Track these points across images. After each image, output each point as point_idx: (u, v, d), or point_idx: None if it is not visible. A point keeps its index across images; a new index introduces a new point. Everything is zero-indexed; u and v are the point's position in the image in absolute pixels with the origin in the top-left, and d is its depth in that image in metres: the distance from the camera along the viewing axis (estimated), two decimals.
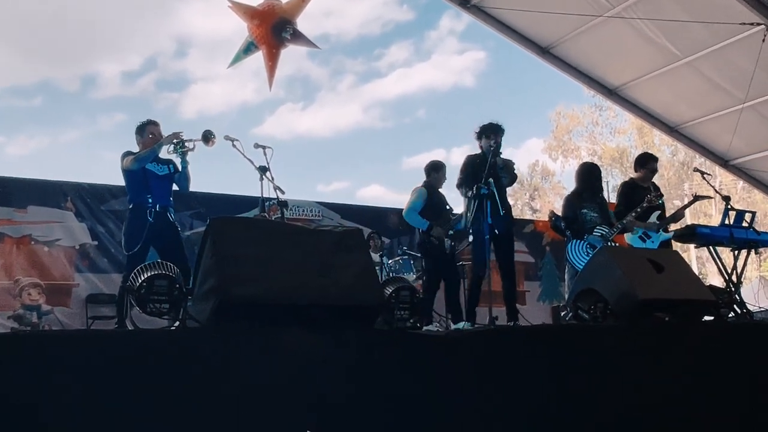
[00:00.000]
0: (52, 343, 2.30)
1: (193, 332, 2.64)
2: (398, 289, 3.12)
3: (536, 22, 9.05)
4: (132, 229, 4.36)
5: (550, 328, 3.45)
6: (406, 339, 2.95)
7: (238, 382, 2.49)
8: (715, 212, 20.48)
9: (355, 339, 2.75)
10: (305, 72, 37.20)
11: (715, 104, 9.54)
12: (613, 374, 3.29)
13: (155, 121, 4.63)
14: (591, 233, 5.00)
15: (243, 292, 2.64)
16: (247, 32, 7.98)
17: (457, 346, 3.00)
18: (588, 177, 5.31)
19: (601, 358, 3.32)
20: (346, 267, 2.85)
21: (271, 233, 2.86)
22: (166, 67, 36.54)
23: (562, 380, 3.13)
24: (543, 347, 3.20)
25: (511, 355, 3.09)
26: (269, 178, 4.09)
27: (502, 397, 2.98)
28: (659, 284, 3.70)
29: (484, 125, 5.03)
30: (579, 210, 5.16)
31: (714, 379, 3.53)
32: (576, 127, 25.99)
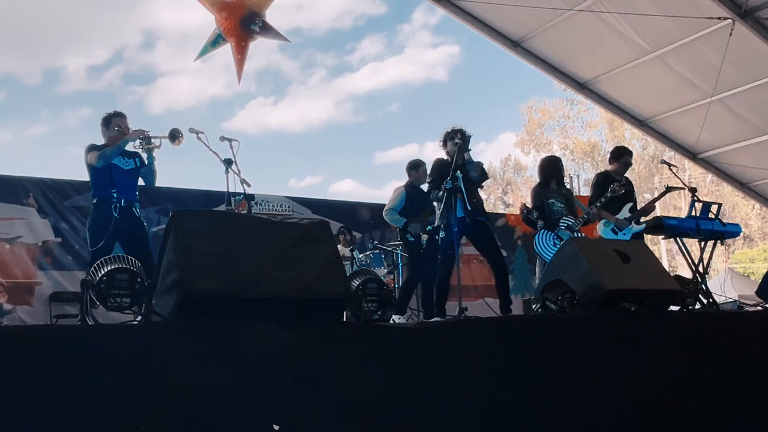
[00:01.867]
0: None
1: (155, 327, 2.61)
2: (366, 281, 3.13)
3: (507, 16, 9.11)
4: (96, 225, 4.29)
5: (518, 318, 3.48)
6: (374, 331, 2.95)
7: (201, 377, 2.46)
8: (684, 205, 20.89)
9: (322, 332, 2.75)
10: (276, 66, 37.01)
11: (683, 98, 9.71)
12: (581, 364, 3.33)
13: (122, 113, 4.56)
14: (557, 224, 5.08)
15: (206, 286, 2.62)
16: (215, 24, 7.92)
17: (426, 338, 3.01)
18: (551, 169, 5.43)
19: (570, 349, 3.36)
20: (311, 259, 2.84)
21: (235, 226, 2.84)
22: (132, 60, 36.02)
23: (530, 371, 3.16)
24: (511, 338, 3.23)
25: (479, 346, 3.11)
26: (235, 171, 4.06)
27: (471, 389, 3.00)
28: (626, 275, 3.76)
29: (447, 131, 5.15)
30: (546, 200, 5.25)
31: (680, 368, 3.60)
32: (548, 121, 26.31)
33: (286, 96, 39.47)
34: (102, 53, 40.55)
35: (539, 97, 27.46)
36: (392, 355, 2.88)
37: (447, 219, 4.70)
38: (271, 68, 37.98)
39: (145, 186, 4.66)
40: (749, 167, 10.59)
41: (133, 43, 37.28)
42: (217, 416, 2.49)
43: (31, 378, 2.22)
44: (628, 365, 3.46)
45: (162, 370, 2.41)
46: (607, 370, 3.38)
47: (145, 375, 2.37)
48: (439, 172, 5.07)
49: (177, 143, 4.37)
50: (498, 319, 3.56)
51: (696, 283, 4.41)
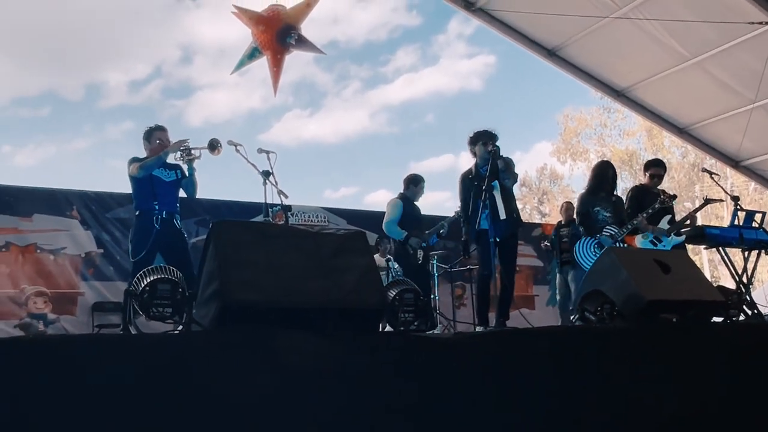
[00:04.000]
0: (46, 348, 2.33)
1: (194, 336, 2.66)
2: (402, 292, 3.13)
3: (542, 24, 9.07)
4: (138, 236, 4.40)
5: (556, 329, 3.45)
6: (411, 342, 2.95)
7: (239, 387, 2.50)
8: (726, 214, 20.38)
9: (358, 342, 2.76)
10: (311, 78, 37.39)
11: (724, 104, 9.52)
12: (621, 376, 3.28)
13: (163, 127, 4.68)
14: (601, 233, 5.00)
15: (245, 296, 2.65)
16: (252, 38, 8.06)
17: (463, 349, 3.00)
18: (603, 175, 5.31)
19: (609, 360, 3.31)
20: (348, 269, 2.86)
21: (273, 237, 2.88)
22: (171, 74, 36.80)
23: (569, 382, 3.13)
24: (550, 349, 3.20)
25: (518, 357, 3.09)
26: (273, 183, 4.12)
27: (509, 400, 2.98)
28: (666, 285, 3.69)
29: (478, 131, 5.04)
30: (591, 208, 5.17)
31: (724, 382, 3.51)
32: (584, 130, 25.95)
33: (321, 108, 39.85)
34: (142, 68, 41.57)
35: (575, 105, 27.25)
36: (430, 366, 2.87)
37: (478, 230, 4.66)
38: (307, 81, 38.41)
39: (187, 198, 4.75)
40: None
41: (171, 57, 38.14)
42: (255, 427, 2.52)
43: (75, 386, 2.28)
44: (670, 379, 3.39)
45: (201, 379, 2.45)
46: (648, 384, 3.32)
47: (184, 384, 2.41)
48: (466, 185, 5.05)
49: (216, 153, 4.46)
50: (537, 330, 3.53)
51: (740, 293, 4.30)
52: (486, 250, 4.60)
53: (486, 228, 4.56)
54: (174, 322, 2.72)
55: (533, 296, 8.87)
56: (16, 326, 6.19)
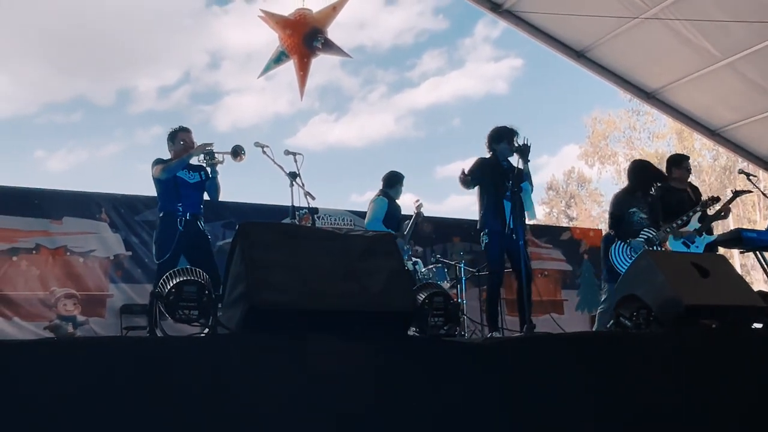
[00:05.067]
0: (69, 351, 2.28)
1: (221, 339, 2.59)
2: (432, 295, 3.04)
3: (570, 26, 8.90)
4: (162, 238, 4.36)
5: (591, 335, 3.32)
6: (442, 347, 2.86)
7: (265, 389, 2.43)
8: (760, 218, 19.88)
9: (388, 346, 2.68)
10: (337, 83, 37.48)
11: (757, 106, 9.24)
12: (659, 384, 3.14)
13: (187, 128, 4.64)
14: (636, 236, 4.84)
15: (272, 298, 2.59)
16: (279, 42, 8.04)
17: (494, 354, 2.90)
18: (641, 175, 5.12)
19: (646, 367, 3.18)
20: (377, 272, 2.78)
21: (300, 238, 2.81)
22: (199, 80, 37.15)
23: (605, 390, 3.01)
24: (584, 356, 3.08)
25: (549, 363, 2.97)
26: (299, 185, 4.06)
27: (540, 408, 2.86)
28: (705, 289, 3.55)
29: (502, 128, 4.88)
30: (627, 209, 4.99)
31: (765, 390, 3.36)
32: (612, 133, 25.51)
33: (347, 112, 39.90)
34: (171, 74, 42.02)
35: (603, 108, 26.76)
36: (460, 372, 2.78)
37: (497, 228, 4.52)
38: (333, 85, 38.53)
39: (210, 201, 4.71)
40: None
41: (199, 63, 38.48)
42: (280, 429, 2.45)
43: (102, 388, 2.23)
44: (710, 387, 3.25)
45: (227, 382, 2.39)
46: (686, 392, 3.18)
47: (210, 386, 2.35)
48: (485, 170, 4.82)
49: (239, 159, 4.41)
50: (569, 335, 3.41)
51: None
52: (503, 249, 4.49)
53: (513, 227, 4.43)
54: (200, 325, 2.65)
55: (562, 301, 8.67)
56: (46, 328, 6.19)
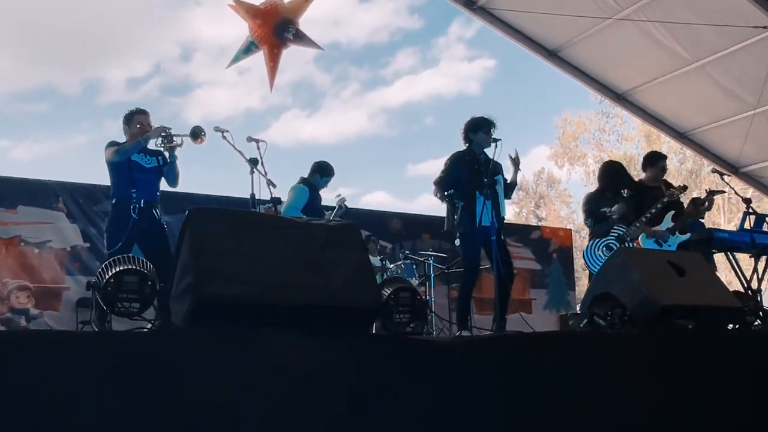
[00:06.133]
0: None
1: (163, 335, 2.32)
2: (398, 290, 2.80)
3: (543, 25, 8.77)
4: (114, 226, 4.05)
5: (563, 334, 3.13)
6: (408, 345, 2.62)
7: (213, 391, 2.16)
8: (724, 221, 20.03)
9: (349, 344, 2.43)
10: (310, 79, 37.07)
11: (726, 110, 9.22)
12: (633, 385, 2.96)
13: (144, 111, 4.34)
14: (608, 234, 4.70)
15: (223, 291, 2.32)
16: (248, 32, 7.74)
17: (463, 353, 2.67)
18: (606, 176, 5.00)
19: (620, 368, 2.99)
20: (339, 264, 2.53)
21: (257, 226, 2.55)
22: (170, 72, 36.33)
23: (576, 390, 2.81)
24: (555, 354, 2.88)
25: (520, 362, 2.76)
26: (261, 172, 3.79)
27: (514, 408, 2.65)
28: (681, 289, 3.38)
29: (479, 118, 4.66)
30: (598, 209, 4.86)
31: (742, 392, 3.20)
32: (582, 134, 25.60)
33: (320, 109, 39.51)
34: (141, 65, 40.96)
35: (574, 109, 26.80)
36: (424, 372, 2.54)
37: (472, 226, 4.30)
38: (305, 81, 38.09)
39: (169, 187, 4.40)
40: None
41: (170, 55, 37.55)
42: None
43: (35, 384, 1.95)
44: (684, 387, 3.08)
45: (170, 382, 2.12)
46: (661, 392, 3.00)
47: (150, 387, 2.08)
48: (459, 168, 4.59)
49: (199, 141, 4.12)
50: (543, 334, 3.21)
51: (757, 299, 3.99)
52: (479, 247, 4.28)
53: (488, 225, 4.22)
54: (143, 319, 2.38)
55: (530, 300, 8.53)
56: None
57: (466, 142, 4.67)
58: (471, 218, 4.32)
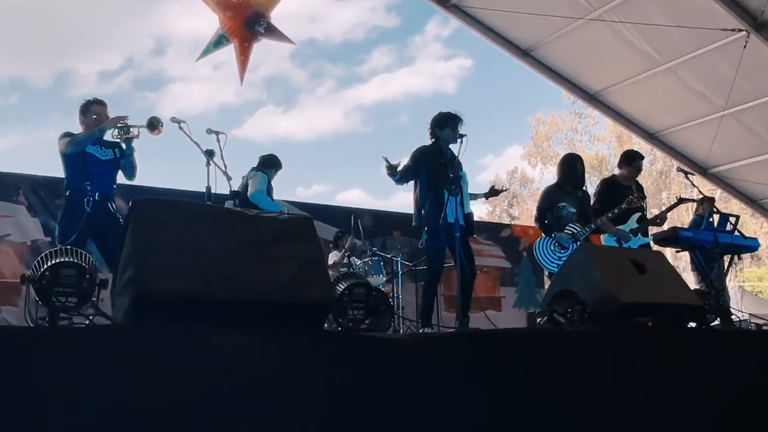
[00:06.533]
0: None
1: (99, 331, 2.21)
2: (352, 286, 2.71)
3: (517, 24, 8.74)
4: (66, 219, 3.89)
5: (522, 332, 3.06)
6: (358, 342, 2.53)
7: (152, 392, 2.06)
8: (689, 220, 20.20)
9: (296, 342, 2.34)
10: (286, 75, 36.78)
11: (695, 111, 9.28)
12: (592, 383, 2.90)
13: (102, 101, 4.18)
14: (562, 230, 4.64)
15: (164, 285, 2.21)
16: (219, 24, 7.61)
17: (417, 351, 2.59)
18: (570, 168, 4.93)
19: (579, 366, 2.94)
20: (288, 259, 2.43)
21: (203, 218, 2.44)
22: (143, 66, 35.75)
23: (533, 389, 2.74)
24: (514, 352, 2.81)
25: (478, 361, 2.69)
26: (217, 164, 3.68)
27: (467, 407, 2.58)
28: (642, 287, 3.33)
29: (446, 114, 4.57)
30: (556, 203, 4.79)
31: (699, 390, 3.16)
32: (555, 134, 25.76)
33: (295, 105, 39.25)
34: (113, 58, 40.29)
35: (547, 109, 26.99)
36: (378, 368, 2.46)
37: (437, 221, 4.22)
38: (281, 77, 37.82)
39: (126, 179, 4.26)
40: (760, 183, 10.12)
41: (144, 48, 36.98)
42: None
43: None
44: (643, 385, 3.03)
45: (104, 382, 2.01)
46: (619, 391, 2.95)
47: (82, 388, 1.96)
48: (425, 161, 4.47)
49: (156, 133, 3.98)
50: (501, 331, 3.14)
51: (717, 298, 3.97)
52: (444, 245, 4.21)
53: (452, 222, 4.14)
54: (79, 314, 2.26)
55: (500, 298, 8.48)
56: None
57: (433, 137, 4.59)
58: (436, 215, 4.24)
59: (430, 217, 4.28)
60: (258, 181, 5.29)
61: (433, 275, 4.41)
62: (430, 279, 4.42)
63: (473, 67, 37.68)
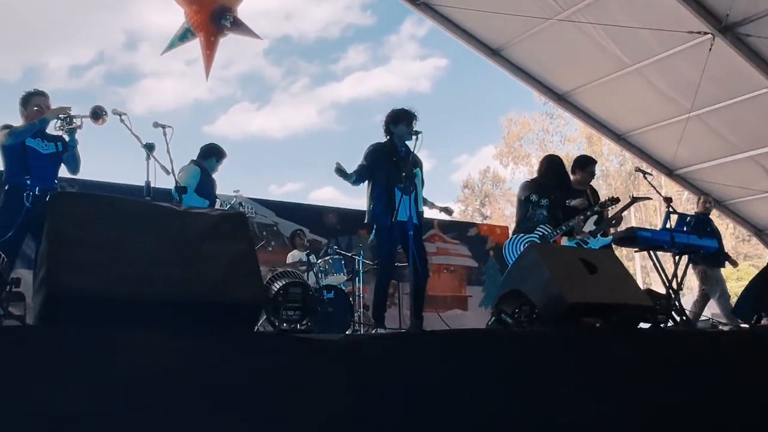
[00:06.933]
0: None
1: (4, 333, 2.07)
2: (288, 285, 2.59)
3: (487, 23, 8.69)
4: (5, 214, 3.72)
5: (464, 333, 2.97)
6: (289, 344, 2.42)
7: (65, 399, 1.92)
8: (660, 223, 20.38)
9: (222, 344, 2.21)
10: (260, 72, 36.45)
11: (661, 113, 9.31)
12: (536, 386, 2.82)
13: (43, 92, 4.02)
14: (533, 231, 4.57)
15: (79, 284, 2.08)
16: (184, 18, 7.44)
17: (353, 353, 2.49)
18: (550, 170, 4.85)
19: (524, 368, 2.85)
20: (217, 257, 2.31)
21: (127, 213, 2.30)
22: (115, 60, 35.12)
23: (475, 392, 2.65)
24: (456, 354, 2.71)
25: (415, 363, 2.59)
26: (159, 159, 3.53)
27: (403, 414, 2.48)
28: (591, 287, 3.26)
29: (400, 110, 4.47)
30: (531, 196, 4.72)
31: (646, 391, 3.10)
32: (527, 134, 25.86)
33: (269, 102, 38.91)
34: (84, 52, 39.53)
35: (519, 110, 27.12)
36: (309, 370, 2.35)
37: (387, 221, 4.11)
38: (255, 74, 37.47)
39: (69, 175, 4.09)
40: (725, 185, 10.18)
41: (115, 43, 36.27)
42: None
43: None
44: (590, 388, 2.95)
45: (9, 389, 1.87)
46: (564, 393, 2.87)
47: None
48: (378, 157, 4.37)
49: (100, 122, 3.83)
50: (440, 333, 3.05)
51: (669, 298, 3.92)
52: (395, 243, 4.11)
53: (405, 220, 4.04)
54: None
55: (466, 297, 8.42)
56: None
57: (387, 134, 4.49)
58: (388, 212, 4.14)
59: (380, 216, 4.18)
60: (183, 176, 4.90)
61: (383, 274, 4.31)
62: (380, 278, 4.33)
63: (448, 67, 37.71)
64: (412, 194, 4.07)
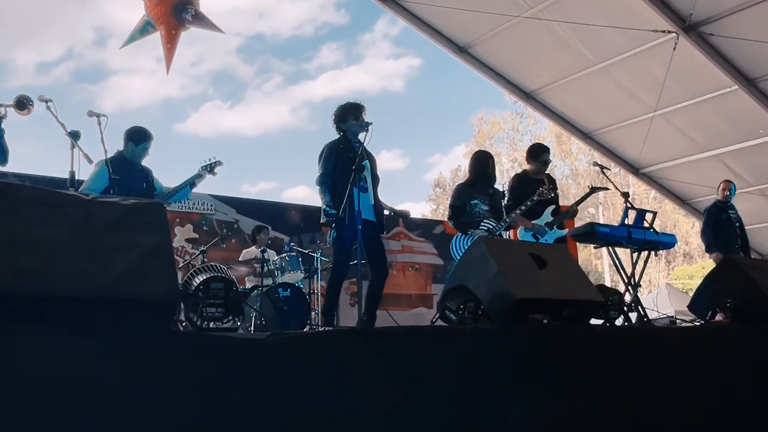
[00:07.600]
0: None
1: None
2: (209, 280, 2.39)
3: (454, 20, 8.54)
4: None
5: (402, 330, 2.79)
6: (209, 343, 2.22)
7: None
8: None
9: (129, 343, 2.01)
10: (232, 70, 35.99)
11: (627, 111, 9.24)
12: (481, 386, 2.65)
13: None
14: (477, 227, 4.42)
15: None
16: (144, 11, 7.19)
17: (281, 353, 2.30)
18: (478, 166, 4.75)
19: (468, 367, 2.68)
20: (126, 249, 2.11)
21: (26, 202, 2.08)
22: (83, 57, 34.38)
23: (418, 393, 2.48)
24: (395, 353, 2.54)
25: (352, 363, 2.41)
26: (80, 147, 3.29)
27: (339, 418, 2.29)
28: (540, 282, 3.10)
29: (345, 106, 4.36)
30: (469, 201, 4.59)
31: (594, 389, 2.95)
32: (497, 133, 25.83)
33: (242, 100, 38.46)
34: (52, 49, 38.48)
35: (490, 109, 27.08)
36: (230, 371, 2.16)
37: (340, 218, 3.93)
38: (227, 72, 36.99)
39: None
40: (690, 183, 10.14)
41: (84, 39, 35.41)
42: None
43: None
44: (535, 387, 2.80)
45: None
46: (509, 393, 2.71)
47: None
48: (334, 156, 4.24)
49: (26, 113, 3.60)
50: (379, 330, 2.87)
51: (620, 294, 3.78)
52: (349, 240, 3.93)
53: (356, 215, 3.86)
54: None
55: (432, 295, 8.25)
56: None
57: (339, 131, 4.34)
58: (342, 209, 3.96)
59: (334, 212, 4.00)
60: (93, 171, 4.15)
61: (337, 271, 4.13)
62: (333, 274, 4.15)
63: (421, 67, 37.57)
64: (365, 189, 3.91)
